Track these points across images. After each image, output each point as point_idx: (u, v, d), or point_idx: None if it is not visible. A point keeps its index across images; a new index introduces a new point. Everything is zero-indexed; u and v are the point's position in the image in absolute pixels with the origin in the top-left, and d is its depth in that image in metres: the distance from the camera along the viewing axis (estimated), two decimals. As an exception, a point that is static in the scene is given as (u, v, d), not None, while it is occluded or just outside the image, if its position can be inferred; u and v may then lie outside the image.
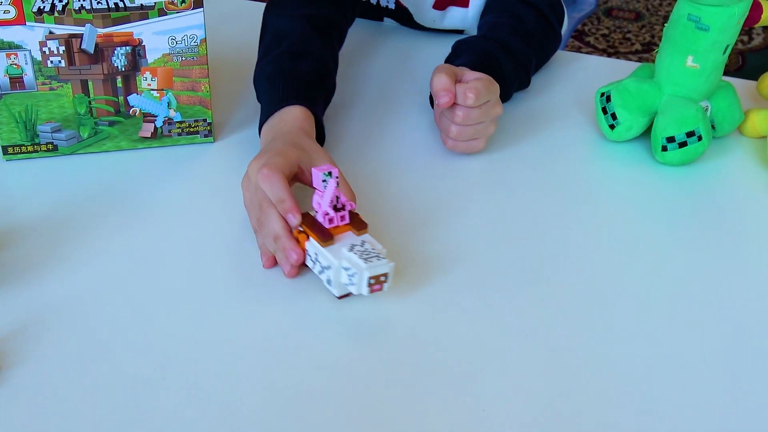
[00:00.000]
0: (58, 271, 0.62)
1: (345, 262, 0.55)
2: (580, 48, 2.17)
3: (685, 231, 0.72)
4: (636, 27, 2.30)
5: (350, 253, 0.56)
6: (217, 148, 0.80)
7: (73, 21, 0.70)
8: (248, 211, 0.65)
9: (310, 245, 0.58)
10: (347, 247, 0.57)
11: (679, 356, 0.58)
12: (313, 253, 0.58)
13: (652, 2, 2.43)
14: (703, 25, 0.75)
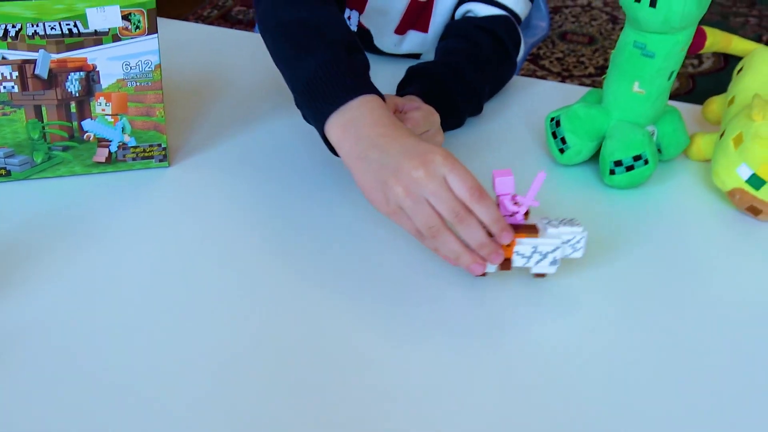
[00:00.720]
0: (10, 297, 0.61)
1: (567, 234, 0.61)
2: (535, 71, 2.19)
3: (632, 253, 0.72)
4: (589, 51, 2.34)
5: (559, 228, 0.62)
6: (173, 172, 0.79)
7: (27, 46, 0.69)
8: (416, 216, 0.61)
9: (524, 244, 0.61)
10: (550, 226, 0.62)
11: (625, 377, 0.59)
12: (529, 250, 0.62)
13: (604, 27, 2.47)
14: (649, 52, 0.76)
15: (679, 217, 0.79)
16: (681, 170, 0.84)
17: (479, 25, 0.93)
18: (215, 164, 0.80)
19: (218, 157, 0.82)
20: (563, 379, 0.58)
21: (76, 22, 0.69)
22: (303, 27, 0.74)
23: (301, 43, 0.73)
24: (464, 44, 0.91)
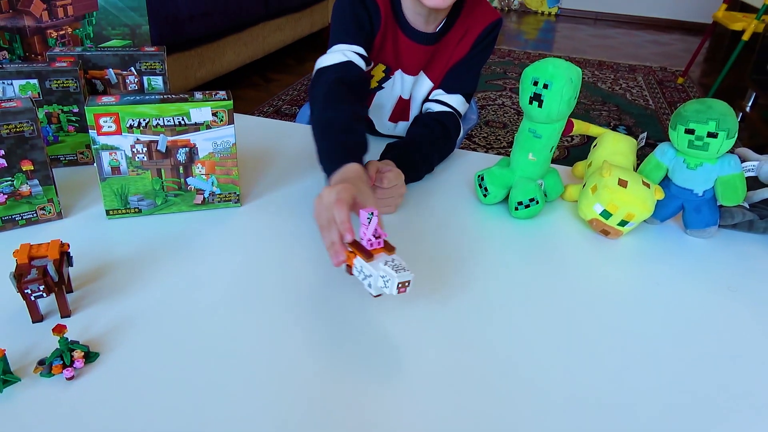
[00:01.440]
0: (140, 290, 0.59)
1: (382, 272, 0.52)
2: (469, 145, 2.18)
3: (528, 257, 0.70)
4: (503, 132, 2.33)
5: (385, 266, 0.53)
6: (243, 210, 0.75)
7: (152, 132, 0.67)
8: (317, 217, 0.59)
9: (357, 261, 0.55)
10: (383, 262, 0.54)
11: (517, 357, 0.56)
12: (359, 266, 0.55)
13: (512, 117, 2.47)
14: (538, 135, 0.74)
15: (559, 236, 0.75)
16: (559, 207, 0.82)
17: (433, 117, 0.91)
18: (272, 205, 0.77)
19: (273, 200, 0.78)
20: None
21: (183, 117, 0.67)
22: (325, 123, 0.74)
23: (323, 133, 0.73)
24: (423, 129, 0.89)
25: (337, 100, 0.76)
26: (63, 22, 0.90)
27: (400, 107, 0.99)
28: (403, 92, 0.97)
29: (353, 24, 0.84)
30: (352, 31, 0.84)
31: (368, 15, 0.85)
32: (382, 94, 0.97)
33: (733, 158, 0.70)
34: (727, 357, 0.56)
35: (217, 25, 2.31)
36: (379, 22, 0.86)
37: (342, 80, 0.79)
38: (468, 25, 0.90)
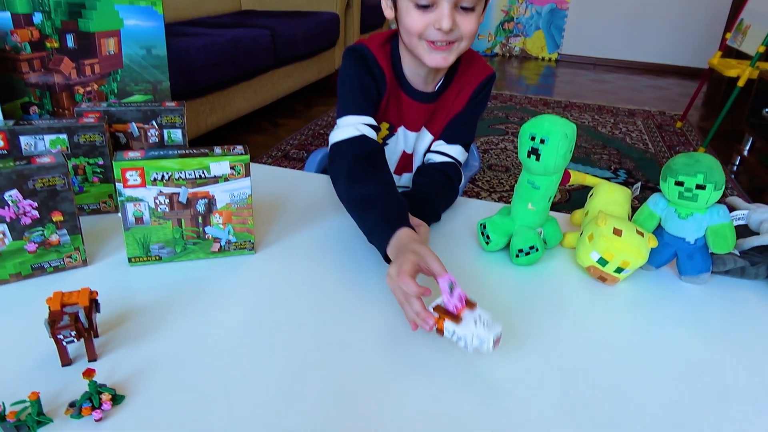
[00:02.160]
0: (161, 335, 0.62)
1: (474, 333, 0.55)
2: (473, 188, 2.23)
3: (528, 301, 0.72)
4: (506, 176, 2.39)
5: (476, 328, 0.56)
6: (258, 257, 0.79)
7: (174, 184, 0.71)
8: (395, 293, 0.63)
9: (448, 324, 0.57)
10: (473, 322, 0.56)
11: None
12: (452, 329, 0.57)
13: (515, 161, 2.53)
14: (537, 186, 0.78)
15: (558, 282, 0.78)
16: (558, 254, 0.84)
17: (436, 167, 0.95)
18: (284, 252, 0.80)
19: (286, 247, 0.81)
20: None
21: (204, 170, 0.71)
22: (360, 201, 0.79)
23: (361, 213, 0.78)
24: (427, 180, 0.93)
25: (362, 176, 0.81)
26: (90, 79, 0.96)
27: (404, 161, 1.04)
28: (406, 147, 1.02)
29: (361, 94, 0.89)
30: (360, 102, 0.89)
31: (375, 82, 0.91)
32: (387, 150, 1.01)
33: (722, 208, 0.74)
34: (718, 398, 0.58)
35: (227, 74, 2.41)
36: (385, 86, 0.92)
37: (360, 156, 0.84)
38: (464, 81, 0.96)
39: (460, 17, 0.81)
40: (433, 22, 0.80)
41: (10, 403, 0.50)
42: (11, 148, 0.79)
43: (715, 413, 0.56)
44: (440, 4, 0.80)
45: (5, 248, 0.68)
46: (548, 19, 5.09)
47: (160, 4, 0.95)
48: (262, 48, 2.65)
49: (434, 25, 0.80)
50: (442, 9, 0.79)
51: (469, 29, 0.82)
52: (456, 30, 0.81)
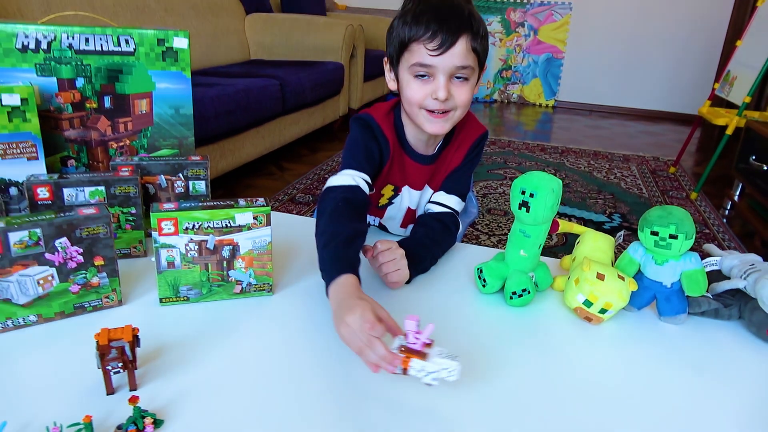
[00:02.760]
0: (191, 367, 0.69)
1: (444, 365, 0.61)
2: (472, 232, 2.30)
3: (520, 341, 0.79)
4: (504, 219, 2.47)
5: (442, 360, 0.61)
6: (275, 298, 0.86)
7: (203, 233, 0.79)
8: (350, 343, 0.65)
9: (415, 362, 0.61)
10: (437, 356, 0.61)
11: None
12: (419, 366, 0.61)
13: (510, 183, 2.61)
14: (527, 234, 0.86)
15: (548, 322, 0.85)
16: (549, 296, 0.91)
17: (434, 217, 1.03)
18: (299, 293, 0.87)
19: (300, 289, 0.89)
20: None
21: (229, 220, 0.79)
22: (330, 235, 0.82)
23: (326, 243, 0.81)
24: (425, 229, 1.00)
25: (342, 217, 0.85)
26: (123, 136, 1.07)
27: (409, 216, 1.12)
28: (411, 204, 1.10)
29: (364, 155, 0.98)
30: (362, 161, 0.97)
31: (379, 147, 1.00)
32: (393, 208, 1.10)
33: (694, 255, 0.83)
34: (693, 427, 0.65)
35: (238, 122, 2.53)
36: (388, 152, 1.00)
37: (348, 200, 0.89)
38: (461, 140, 1.06)
39: (454, 88, 0.90)
40: (430, 93, 0.89)
41: (66, 425, 0.57)
42: (55, 198, 0.88)
43: None
44: (437, 76, 0.89)
45: (53, 289, 0.76)
46: (545, 67, 5.29)
47: (188, 70, 1.06)
48: (272, 97, 2.79)
49: (432, 95, 0.89)
50: (438, 80, 0.89)
51: (463, 99, 0.91)
52: (451, 99, 0.90)
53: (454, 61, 0.87)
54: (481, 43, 0.89)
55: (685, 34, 4.83)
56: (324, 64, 3.46)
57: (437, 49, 0.86)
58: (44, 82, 0.98)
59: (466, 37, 0.87)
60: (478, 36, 0.88)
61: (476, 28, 0.88)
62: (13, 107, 0.90)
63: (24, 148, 0.93)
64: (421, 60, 0.88)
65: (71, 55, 0.99)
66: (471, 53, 0.89)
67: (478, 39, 0.88)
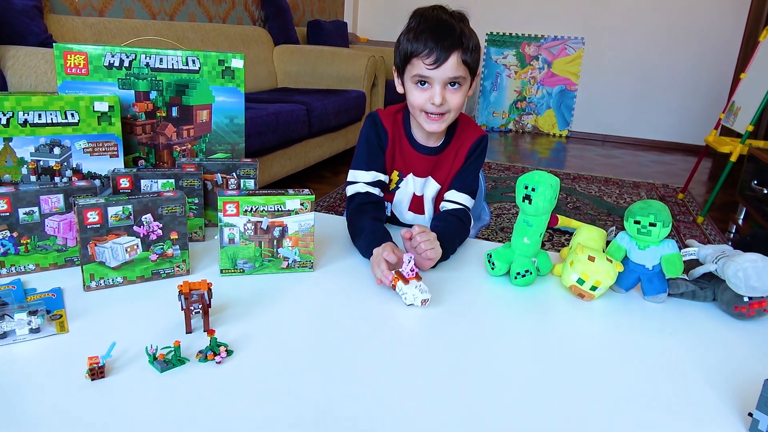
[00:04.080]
0: (247, 322, 0.82)
1: (413, 291, 0.87)
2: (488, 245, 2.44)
3: (524, 313, 0.92)
4: None
5: (415, 289, 0.87)
6: (315, 274, 1.00)
7: (259, 215, 0.94)
8: (373, 262, 0.98)
9: (399, 284, 0.89)
10: (415, 286, 0.88)
11: None
12: (400, 287, 0.89)
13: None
14: (530, 224, 1.00)
15: (548, 299, 0.97)
16: (548, 280, 1.04)
17: (449, 213, 1.18)
18: (335, 271, 1.01)
19: (336, 268, 1.03)
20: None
21: (281, 205, 0.95)
22: (359, 229, 1.09)
23: (359, 235, 1.08)
24: (443, 223, 1.15)
25: (361, 215, 1.14)
26: (185, 141, 1.25)
27: (415, 202, 1.27)
28: (416, 190, 1.26)
29: (368, 150, 1.20)
30: (367, 159, 1.20)
31: (379, 139, 1.21)
32: (400, 193, 1.26)
33: (671, 242, 0.98)
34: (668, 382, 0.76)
35: (268, 143, 2.73)
36: (387, 141, 1.21)
37: (365, 203, 1.18)
38: (461, 142, 1.22)
39: (449, 94, 1.09)
40: (428, 99, 1.09)
41: (160, 347, 0.73)
42: (134, 188, 1.06)
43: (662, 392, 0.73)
44: (433, 85, 1.08)
45: (137, 256, 0.93)
46: (558, 99, 5.48)
47: (242, 86, 1.24)
48: (299, 120, 2.99)
49: (429, 100, 1.09)
50: (435, 88, 1.08)
51: (456, 103, 1.11)
52: (446, 104, 1.10)
53: (447, 73, 1.07)
54: (471, 56, 1.08)
55: (695, 67, 5.00)
56: (347, 92, 3.68)
57: (433, 64, 1.06)
58: (124, 94, 1.17)
59: (457, 53, 1.06)
60: (468, 51, 1.07)
61: (466, 44, 1.07)
62: (102, 113, 1.09)
63: (108, 147, 1.11)
64: (420, 72, 1.08)
65: (147, 72, 1.18)
66: (462, 65, 1.07)
67: (468, 53, 1.07)
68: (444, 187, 1.24)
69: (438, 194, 1.26)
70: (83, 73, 1.13)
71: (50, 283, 0.92)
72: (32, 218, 0.93)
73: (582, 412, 0.68)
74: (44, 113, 1.03)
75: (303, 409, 0.66)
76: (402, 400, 0.68)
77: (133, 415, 0.64)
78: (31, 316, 0.77)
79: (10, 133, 1.01)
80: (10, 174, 1.03)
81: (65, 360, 0.72)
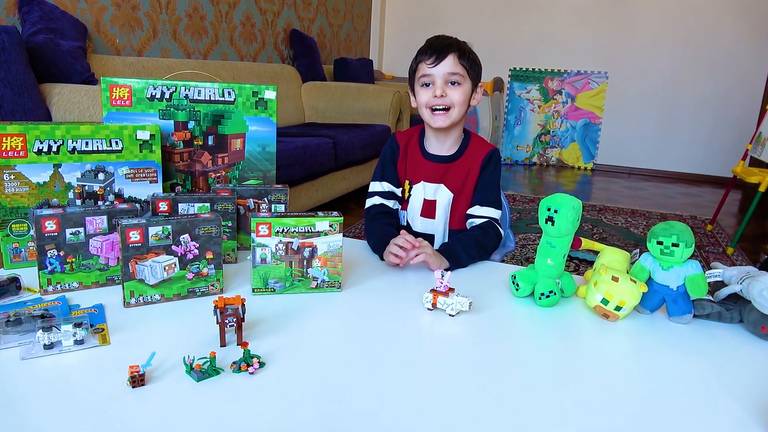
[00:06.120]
0: (277, 338, 0.85)
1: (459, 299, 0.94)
2: None
3: (546, 334, 0.93)
4: None
5: (458, 297, 0.94)
6: (344, 294, 1.02)
7: (290, 236, 0.98)
8: (385, 255, 1.16)
9: (441, 299, 0.95)
10: (456, 295, 0.94)
11: None
12: (443, 301, 0.95)
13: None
14: (553, 245, 1.02)
15: (572, 319, 0.98)
16: (573, 300, 1.05)
17: (474, 226, 1.26)
18: (362, 291, 1.04)
19: (364, 288, 1.05)
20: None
21: (310, 227, 0.99)
22: (377, 233, 1.25)
23: (376, 239, 1.23)
24: (464, 235, 1.25)
25: (375, 221, 1.31)
26: (220, 168, 1.31)
27: (426, 206, 1.33)
28: (426, 195, 1.33)
29: (384, 163, 1.36)
30: (382, 172, 1.36)
31: (392, 152, 1.36)
32: (412, 199, 1.34)
33: (695, 262, 0.98)
34: (697, 406, 0.76)
35: (297, 174, 2.81)
36: (398, 153, 1.36)
37: (379, 212, 1.34)
38: (473, 155, 1.31)
39: (450, 90, 1.24)
40: (431, 94, 1.24)
41: (197, 358, 0.77)
42: (172, 211, 1.12)
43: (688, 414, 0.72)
44: (436, 81, 1.24)
45: (174, 275, 0.98)
46: (582, 132, 5.50)
47: (275, 116, 1.31)
48: (325, 153, 3.07)
49: (433, 95, 1.23)
50: (437, 84, 1.24)
51: (457, 98, 1.24)
52: (447, 98, 1.23)
53: (446, 69, 1.23)
54: (467, 61, 1.24)
55: (721, 98, 4.99)
56: (373, 126, 3.77)
57: (433, 63, 1.23)
58: (164, 124, 1.24)
59: (453, 54, 1.23)
60: (464, 55, 1.24)
61: (462, 49, 1.24)
62: (144, 141, 1.15)
63: (148, 173, 1.17)
64: (424, 72, 1.25)
65: (186, 103, 1.25)
66: (459, 65, 1.23)
67: (464, 57, 1.24)
68: (457, 196, 1.31)
69: (452, 203, 1.32)
70: (127, 104, 1.21)
71: (92, 300, 0.97)
72: (78, 238, 0.98)
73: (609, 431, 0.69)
74: (91, 141, 1.10)
75: (331, 418, 0.68)
76: (427, 417, 0.69)
77: (171, 420, 0.67)
78: (76, 328, 0.81)
79: (59, 159, 1.08)
80: (58, 198, 1.10)
81: (108, 369, 0.76)
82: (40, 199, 1.08)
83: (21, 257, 1.09)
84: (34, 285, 0.99)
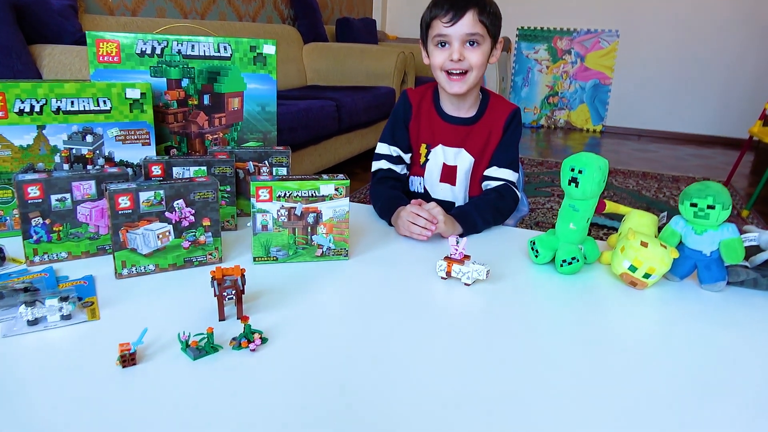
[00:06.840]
0: (280, 309, 0.80)
1: (476, 267, 0.87)
2: None
3: (570, 302, 0.88)
4: None
5: (474, 265, 0.88)
6: (350, 262, 0.97)
7: (293, 201, 0.91)
8: (398, 228, 1.08)
9: (455, 266, 0.89)
10: (472, 263, 0.88)
11: None
12: (458, 269, 0.88)
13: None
14: (576, 209, 0.95)
15: (596, 287, 0.92)
16: (596, 267, 1.00)
17: (490, 189, 1.20)
18: (370, 259, 0.98)
19: (371, 257, 0.99)
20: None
21: (315, 191, 0.92)
22: (382, 198, 1.17)
23: (382, 204, 1.16)
24: (478, 198, 1.19)
25: (381, 185, 1.23)
26: (217, 129, 1.23)
27: (446, 171, 1.25)
28: (446, 160, 1.24)
29: (395, 124, 1.25)
30: (392, 133, 1.25)
31: (405, 111, 1.25)
32: (430, 164, 1.25)
33: (732, 226, 0.91)
34: (728, 376, 0.70)
35: (299, 138, 2.71)
36: (411, 113, 1.24)
37: (387, 178, 1.25)
38: (495, 116, 1.22)
39: (468, 52, 1.11)
40: (448, 57, 1.11)
41: (193, 334, 0.70)
42: (166, 175, 1.04)
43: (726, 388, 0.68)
44: (452, 43, 1.11)
45: (169, 243, 0.91)
46: (592, 93, 5.35)
47: (274, 72, 1.21)
48: (329, 116, 2.97)
49: (449, 58, 1.11)
50: (453, 46, 1.11)
51: (475, 61, 1.12)
52: (465, 61, 1.11)
53: (464, 29, 1.09)
54: (488, 17, 1.10)
55: (738, 55, 4.82)
56: (377, 88, 3.65)
57: (449, 22, 1.09)
58: (156, 82, 1.16)
59: (473, 11, 1.09)
60: (485, 11, 1.10)
61: (482, 4, 1.10)
62: (134, 100, 1.07)
63: (140, 135, 1.09)
64: (439, 31, 1.11)
65: (179, 59, 1.16)
66: (479, 23, 1.10)
67: (485, 13, 1.10)
68: (479, 160, 1.24)
69: (473, 168, 1.24)
70: (115, 61, 1.12)
71: (82, 271, 0.90)
72: (64, 205, 0.91)
73: (636, 406, 0.63)
74: (77, 100, 1.02)
75: (338, 397, 0.62)
76: (441, 388, 0.64)
77: (165, 403, 0.61)
78: (62, 302, 0.75)
79: (43, 120, 1.00)
80: (44, 162, 1.02)
81: (96, 347, 0.70)
82: (24, 164, 1.00)
83: (6, 225, 1.02)
84: (21, 255, 0.92)
